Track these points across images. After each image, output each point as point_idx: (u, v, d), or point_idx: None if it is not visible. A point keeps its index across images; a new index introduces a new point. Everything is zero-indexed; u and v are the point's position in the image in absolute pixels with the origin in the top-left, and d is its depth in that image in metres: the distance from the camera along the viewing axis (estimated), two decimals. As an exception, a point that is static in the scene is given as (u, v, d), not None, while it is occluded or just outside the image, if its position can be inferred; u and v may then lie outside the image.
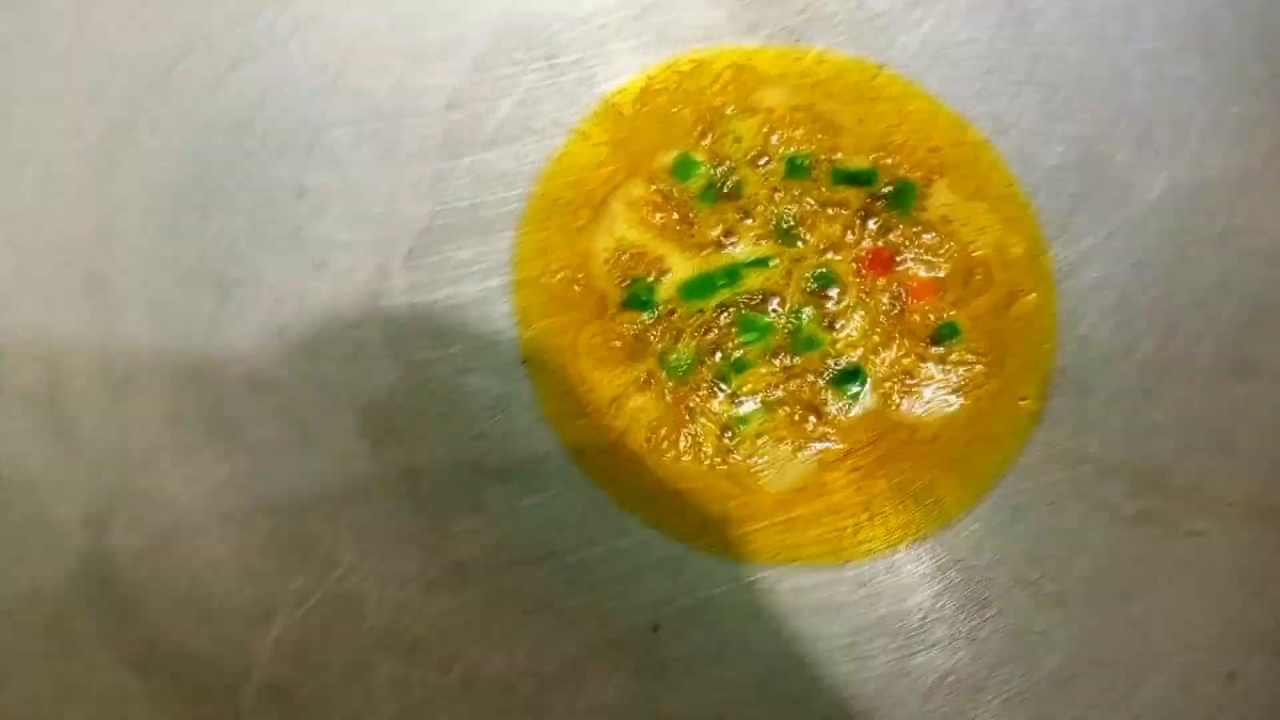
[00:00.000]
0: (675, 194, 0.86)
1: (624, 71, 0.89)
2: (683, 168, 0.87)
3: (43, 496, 0.58)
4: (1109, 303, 0.84)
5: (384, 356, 0.78)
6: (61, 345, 0.63)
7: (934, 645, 0.75)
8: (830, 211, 0.86)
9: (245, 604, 0.62)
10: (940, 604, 0.77)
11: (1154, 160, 0.85)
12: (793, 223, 0.85)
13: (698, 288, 0.83)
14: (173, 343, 0.68)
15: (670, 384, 0.81)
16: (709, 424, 0.80)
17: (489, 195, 0.84)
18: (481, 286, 0.82)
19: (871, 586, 0.78)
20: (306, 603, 0.65)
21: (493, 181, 0.85)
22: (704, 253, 0.84)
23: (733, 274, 0.83)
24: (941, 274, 0.84)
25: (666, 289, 0.83)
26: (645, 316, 0.82)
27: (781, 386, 0.82)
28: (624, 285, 0.83)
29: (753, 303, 0.83)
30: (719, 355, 0.81)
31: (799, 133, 0.88)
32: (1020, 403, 0.82)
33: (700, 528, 0.78)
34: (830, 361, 0.82)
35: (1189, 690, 0.69)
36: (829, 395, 0.82)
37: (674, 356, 0.81)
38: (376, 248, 0.81)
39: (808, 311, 0.83)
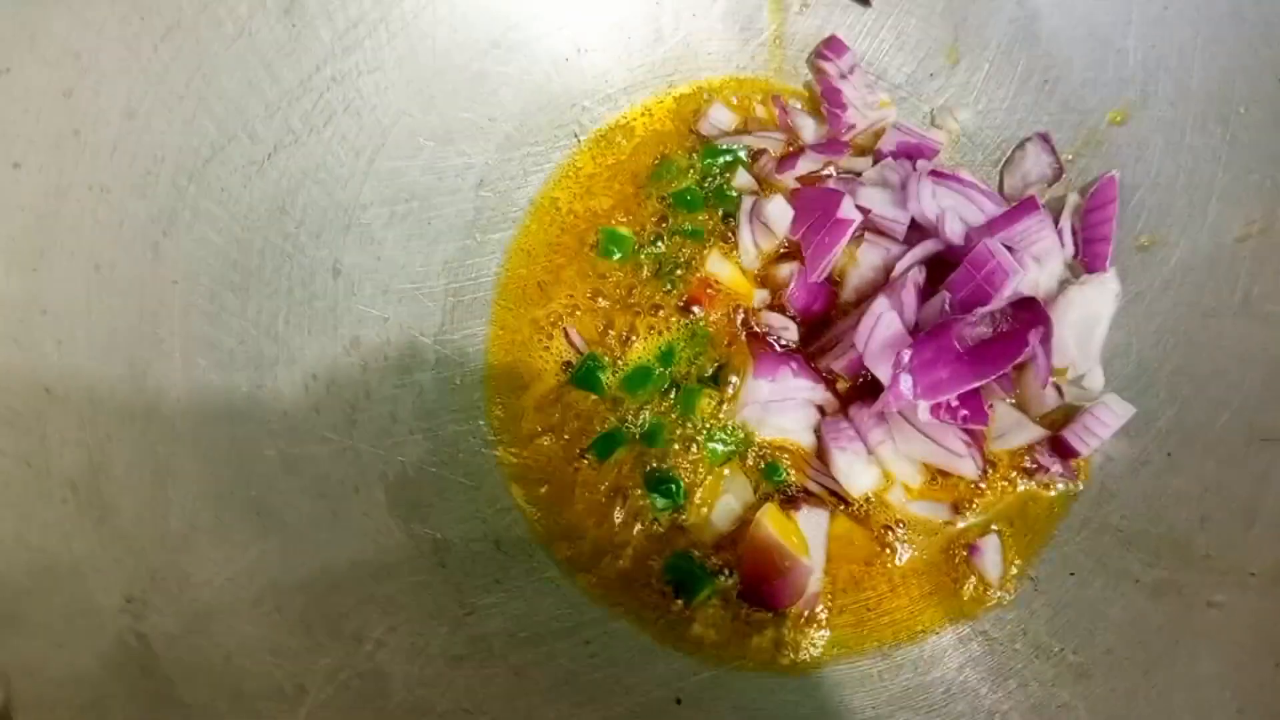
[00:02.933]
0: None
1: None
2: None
3: (84, 581, 0.60)
4: (1129, 371, 0.85)
5: (415, 431, 0.81)
6: (105, 432, 0.65)
7: (957, 718, 0.75)
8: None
9: (277, 683, 0.64)
10: (963, 677, 0.77)
11: (1174, 226, 0.86)
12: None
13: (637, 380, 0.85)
14: (211, 425, 0.71)
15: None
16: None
17: (519, 270, 0.87)
18: (509, 360, 0.84)
19: (895, 659, 0.79)
20: (336, 679, 0.67)
21: (522, 255, 0.87)
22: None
23: (667, 357, 0.85)
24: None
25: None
26: (595, 396, 0.84)
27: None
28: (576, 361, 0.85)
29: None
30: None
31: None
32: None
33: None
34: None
35: (1213, 767, 0.68)
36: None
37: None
38: (408, 323, 0.83)
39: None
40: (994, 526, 0.82)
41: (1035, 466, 0.83)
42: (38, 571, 0.57)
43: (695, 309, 0.86)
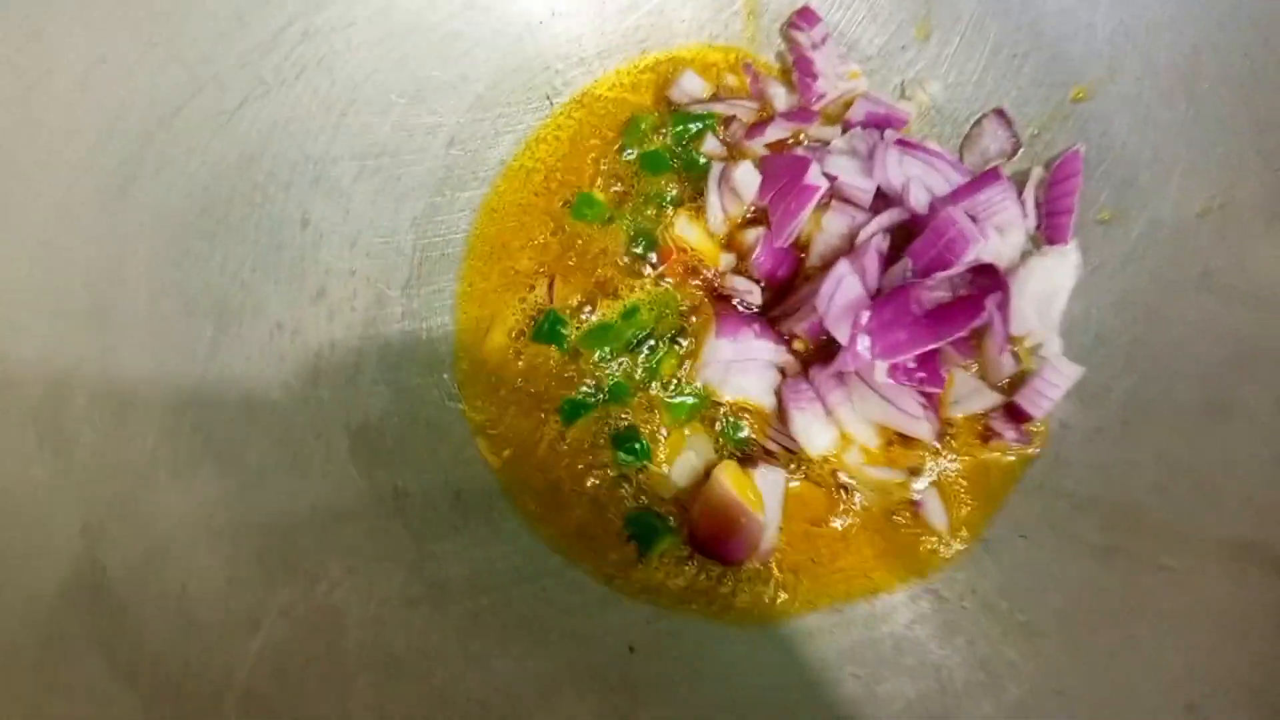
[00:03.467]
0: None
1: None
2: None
3: (41, 509, 0.61)
4: (1088, 341, 0.86)
5: (378, 382, 0.82)
6: (66, 369, 0.66)
7: (903, 673, 0.76)
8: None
9: (231, 615, 0.65)
10: (912, 633, 0.78)
11: (1136, 200, 0.87)
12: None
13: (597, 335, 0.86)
14: (173, 367, 0.71)
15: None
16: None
17: (488, 229, 0.88)
18: (475, 315, 0.85)
19: (846, 614, 0.80)
20: (290, 615, 0.68)
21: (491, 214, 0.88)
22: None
23: (631, 315, 0.86)
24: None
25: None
26: (556, 350, 0.85)
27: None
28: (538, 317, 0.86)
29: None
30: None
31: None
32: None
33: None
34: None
35: (1152, 723, 0.69)
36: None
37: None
38: (376, 277, 0.84)
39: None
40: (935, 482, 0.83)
41: (991, 433, 0.84)
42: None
43: (661, 271, 0.87)
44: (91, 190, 0.70)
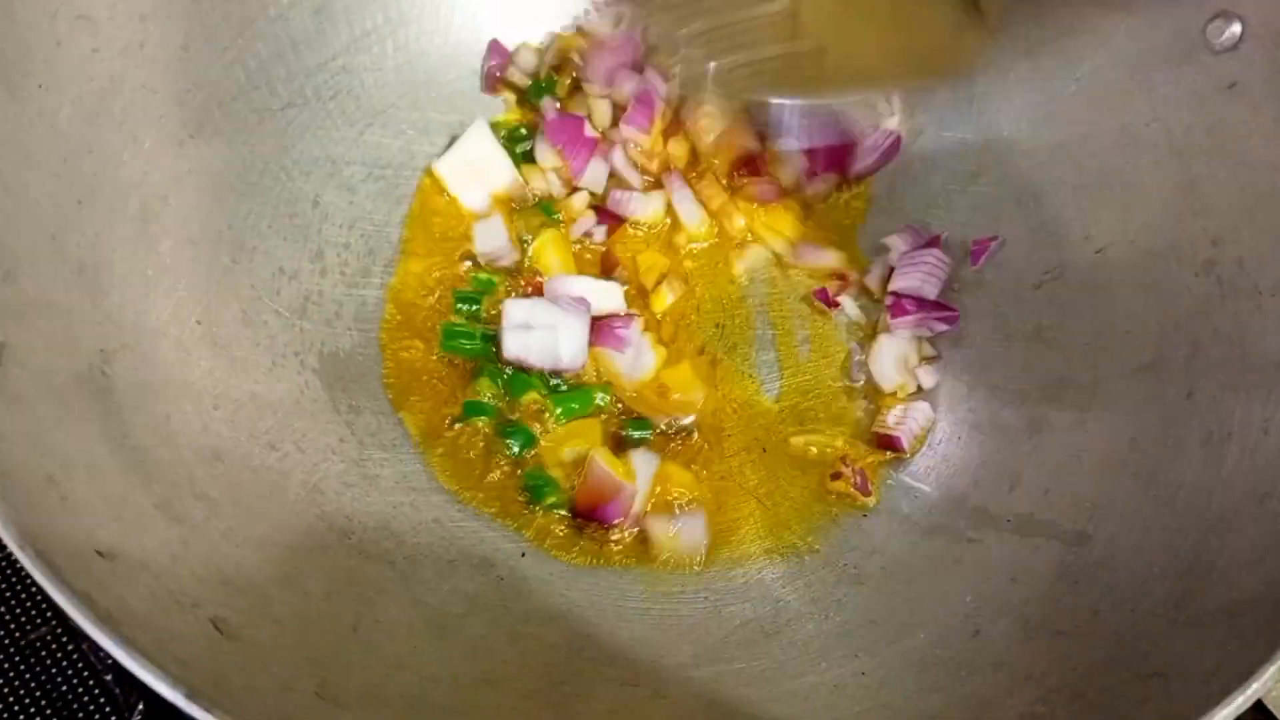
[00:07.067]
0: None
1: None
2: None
3: (69, 324, 0.78)
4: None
5: (351, 328, 1.00)
6: (110, 243, 0.84)
7: (746, 601, 0.91)
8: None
9: (200, 449, 0.81)
10: (761, 575, 0.93)
11: (988, 270, 1.08)
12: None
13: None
14: (192, 271, 0.90)
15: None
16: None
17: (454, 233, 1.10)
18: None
19: (709, 558, 0.94)
20: (248, 464, 0.84)
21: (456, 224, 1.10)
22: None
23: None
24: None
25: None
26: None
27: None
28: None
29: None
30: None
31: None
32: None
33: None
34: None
35: (943, 642, 0.83)
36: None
37: None
38: (364, 254, 1.05)
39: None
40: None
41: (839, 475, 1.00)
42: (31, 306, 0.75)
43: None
44: (163, 132, 0.91)
